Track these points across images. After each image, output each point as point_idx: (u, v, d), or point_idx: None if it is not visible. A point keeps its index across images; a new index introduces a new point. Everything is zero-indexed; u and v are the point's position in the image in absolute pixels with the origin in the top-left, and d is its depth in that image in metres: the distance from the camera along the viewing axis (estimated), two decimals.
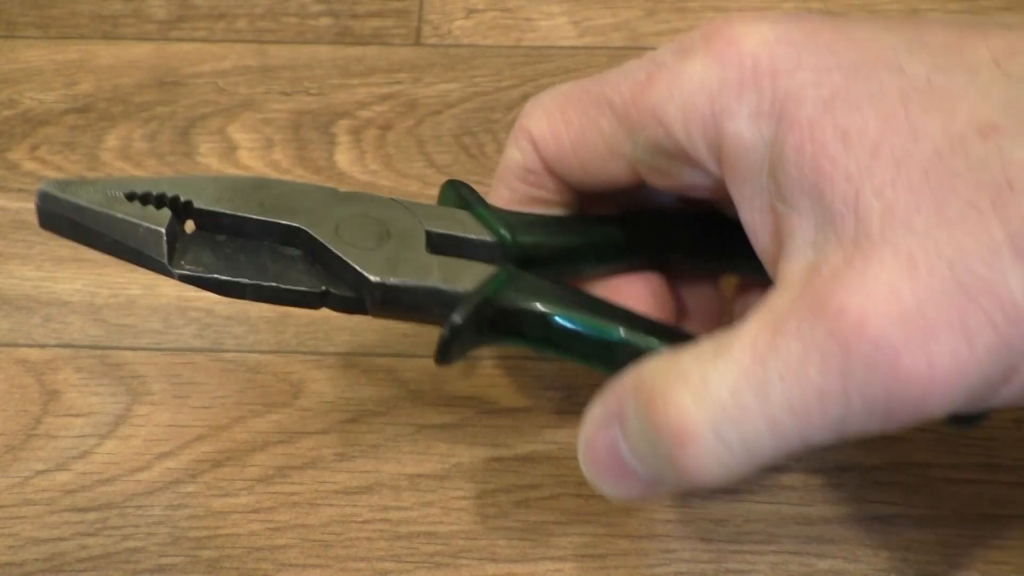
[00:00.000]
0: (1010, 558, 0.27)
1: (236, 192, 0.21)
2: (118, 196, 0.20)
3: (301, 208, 0.21)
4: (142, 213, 0.20)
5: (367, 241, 0.21)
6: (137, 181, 0.20)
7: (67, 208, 0.20)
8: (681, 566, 0.27)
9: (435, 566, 0.27)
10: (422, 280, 0.21)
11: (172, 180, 0.21)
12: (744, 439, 0.16)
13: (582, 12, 0.38)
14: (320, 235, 0.21)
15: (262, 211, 0.21)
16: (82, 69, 0.37)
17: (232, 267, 0.20)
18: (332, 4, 0.38)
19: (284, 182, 0.22)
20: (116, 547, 0.28)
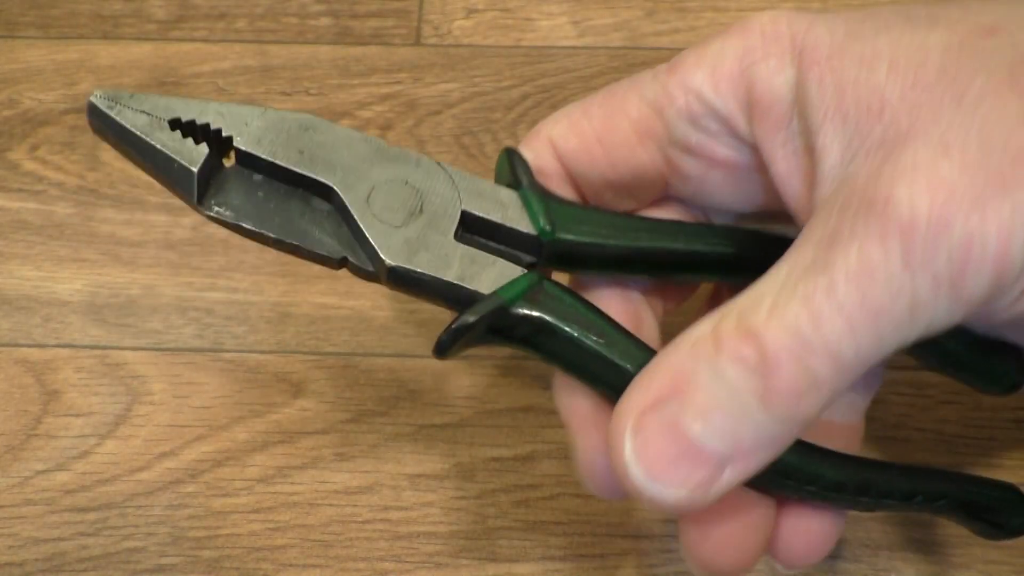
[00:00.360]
0: (1010, 558, 0.27)
1: (280, 133, 0.20)
2: (162, 122, 0.19)
3: (340, 163, 0.20)
4: (180, 147, 0.19)
5: (396, 214, 0.20)
6: (187, 104, 0.20)
7: (111, 125, 0.20)
8: (681, 566, 0.27)
9: (435, 566, 0.27)
10: (439, 272, 0.20)
11: (221, 108, 0.20)
12: (827, 347, 0.16)
13: (582, 12, 0.38)
14: (350, 201, 0.20)
15: (300, 162, 0.20)
16: (82, 69, 0.37)
17: (260, 217, 0.20)
18: (332, 4, 0.38)
19: (332, 127, 0.21)
20: (116, 547, 0.28)
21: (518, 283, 0.20)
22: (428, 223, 0.20)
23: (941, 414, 0.29)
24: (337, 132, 0.21)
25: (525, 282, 0.20)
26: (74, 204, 0.34)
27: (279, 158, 0.20)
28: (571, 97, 0.35)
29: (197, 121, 0.20)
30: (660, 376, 0.17)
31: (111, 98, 0.20)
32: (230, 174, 0.20)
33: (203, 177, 0.20)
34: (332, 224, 0.20)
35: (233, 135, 0.20)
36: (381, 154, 0.21)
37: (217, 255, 0.32)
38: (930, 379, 0.29)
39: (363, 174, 0.20)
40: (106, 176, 0.34)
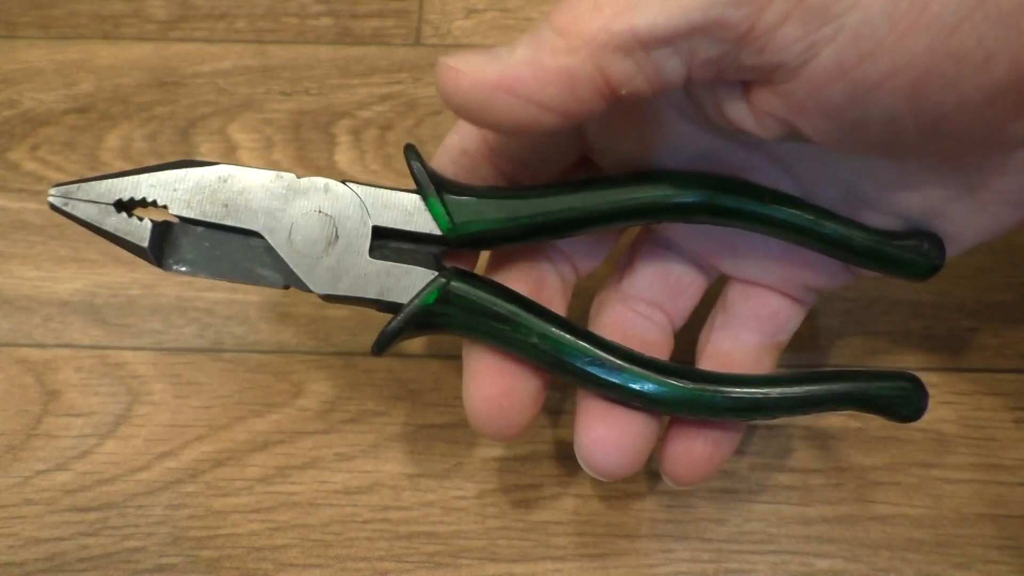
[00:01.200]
0: (1010, 558, 0.27)
1: (203, 191, 0.23)
2: (108, 208, 0.23)
3: (259, 208, 0.23)
4: (129, 228, 0.23)
5: (316, 246, 0.23)
6: (124, 183, 0.23)
7: (71, 217, 0.23)
8: (681, 566, 0.27)
9: (435, 566, 0.27)
10: (361, 292, 0.23)
11: (151, 179, 0.23)
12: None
13: None
14: (275, 243, 0.23)
15: (227, 215, 0.23)
16: (82, 69, 0.37)
17: (210, 264, 0.23)
18: (332, 4, 0.38)
19: (246, 173, 0.23)
20: (116, 547, 0.28)
21: (430, 290, 0.23)
22: (345, 247, 0.23)
23: (941, 414, 0.29)
24: (251, 176, 0.23)
25: (437, 288, 0.23)
26: None
27: (208, 216, 0.23)
28: None
29: (135, 199, 0.23)
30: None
31: (64, 195, 0.23)
32: (177, 230, 0.23)
33: (154, 245, 0.23)
34: (270, 256, 0.23)
35: (167, 204, 0.23)
36: (293, 190, 0.23)
37: None
38: (930, 379, 0.29)
39: (281, 213, 0.23)
40: None
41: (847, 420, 0.29)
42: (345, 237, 0.23)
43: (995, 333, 0.30)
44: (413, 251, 0.24)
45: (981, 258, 0.31)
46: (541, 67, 0.19)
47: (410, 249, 0.24)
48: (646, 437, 0.24)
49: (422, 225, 0.23)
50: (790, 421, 0.29)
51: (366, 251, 0.23)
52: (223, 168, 0.23)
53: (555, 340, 0.23)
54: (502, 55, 0.20)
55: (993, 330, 0.30)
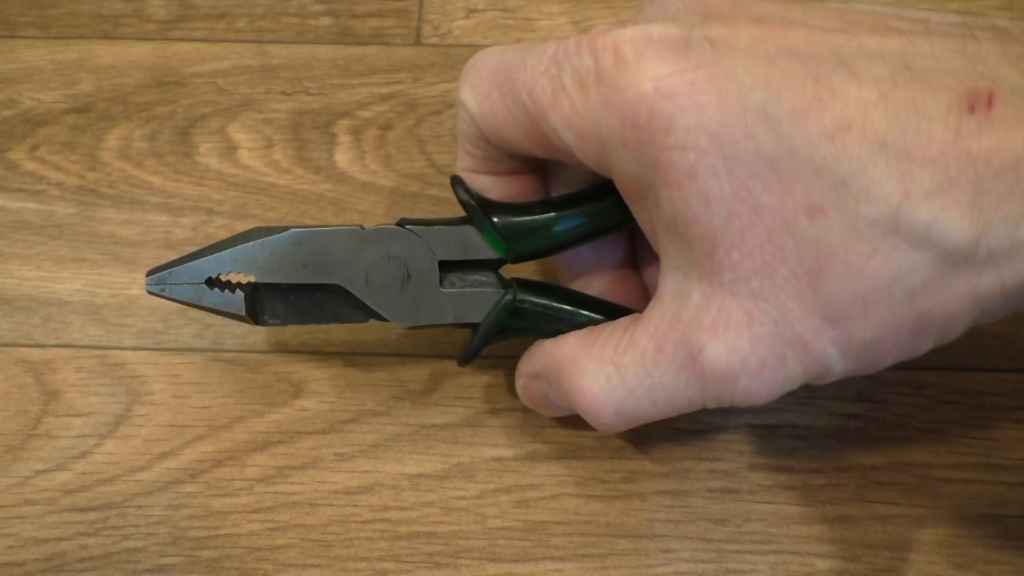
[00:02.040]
0: (1010, 558, 0.27)
1: (282, 256, 0.25)
2: (202, 287, 0.26)
3: (336, 263, 0.26)
4: (226, 301, 0.26)
5: (392, 286, 0.26)
6: (208, 263, 0.26)
7: (169, 299, 0.26)
8: (681, 566, 0.27)
9: (435, 566, 0.27)
10: (440, 320, 0.26)
11: (233, 254, 0.26)
12: (635, 414, 0.24)
13: (582, 12, 0.38)
14: (356, 292, 0.26)
15: (308, 275, 0.26)
16: (82, 69, 0.37)
17: (299, 313, 0.27)
18: (332, 4, 0.38)
19: (317, 233, 0.26)
20: (116, 547, 0.28)
21: (501, 305, 0.26)
22: (417, 283, 0.26)
23: (941, 414, 0.29)
24: (321, 236, 0.26)
25: (507, 303, 0.26)
26: (74, 204, 0.34)
27: (291, 279, 0.26)
28: None
29: (223, 276, 0.26)
30: (539, 365, 0.26)
31: (158, 282, 0.26)
32: (262, 289, 0.26)
33: (250, 310, 0.26)
34: (347, 300, 0.26)
35: (252, 275, 0.26)
36: (362, 239, 0.26)
37: None
38: (930, 379, 0.29)
39: (356, 264, 0.26)
40: (106, 176, 0.34)
41: (847, 420, 0.29)
42: (416, 275, 0.26)
43: (995, 333, 0.30)
44: (477, 275, 0.26)
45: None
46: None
47: (474, 274, 0.26)
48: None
49: (482, 253, 0.26)
50: (791, 421, 0.29)
51: (437, 284, 0.26)
52: (295, 232, 0.26)
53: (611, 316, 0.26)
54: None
55: (993, 330, 0.30)
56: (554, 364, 0.25)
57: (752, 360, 0.21)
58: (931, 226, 0.19)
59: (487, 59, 0.25)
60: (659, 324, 0.23)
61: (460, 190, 0.26)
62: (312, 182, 0.34)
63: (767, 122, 0.20)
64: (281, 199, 0.34)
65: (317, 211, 0.33)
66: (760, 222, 0.20)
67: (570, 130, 0.22)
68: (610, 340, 0.24)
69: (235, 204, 0.33)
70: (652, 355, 0.23)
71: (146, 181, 0.34)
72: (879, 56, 0.20)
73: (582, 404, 0.24)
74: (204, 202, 0.34)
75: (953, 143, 0.19)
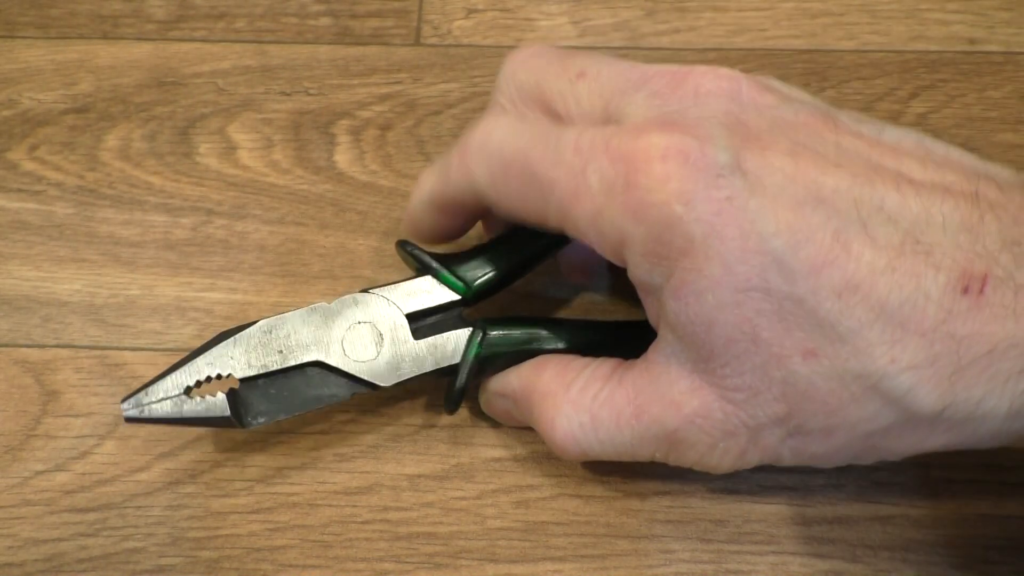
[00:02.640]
0: (1010, 558, 0.27)
1: (256, 347, 0.26)
2: (181, 398, 0.26)
3: (309, 340, 0.26)
4: (207, 406, 0.26)
5: (368, 350, 0.27)
6: (184, 372, 0.26)
7: (151, 421, 0.26)
8: (681, 566, 0.27)
9: (435, 566, 0.27)
10: (422, 369, 0.27)
11: (207, 358, 0.26)
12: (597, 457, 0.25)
13: (582, 12, 0.38)
14: (335, 363, 0.26)
15: (285, 359, 0.26)
16: (82, 69, 0.37)
17: (284, 406, 0.26)
18: (332, 4, 0.38)
19: (283, 319, 0.26)
20: (116, 548, 0.28)
21: (473, 344, 0.27)
22: (392, 342, 0.27)
23: None
24: (290, 320, 0.27)
25: (478, 337, 0.27)
26: (73, 204, 0.34)
27: (270, 366, 0.26)
28: None
29: (200, 380, 0.26)
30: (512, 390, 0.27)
31: (136, 404, 0.26)
32: (242, 390, 0.26)
33: (234, 411, 0.26)
34: (326, 378, 0.27)
35: (231, 373, 0.26)
36: (328, 314, 0.27)
37: (217, 255, 0.32)
38: None
39: (328, 337, 0.26)
40: (105, 176, 0.34)
41: None
42: (388, 333, 0.27)
43: None
44: (444, 320, 0.28)
45: None
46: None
47: (441, 319, 0.28)
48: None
49: (443, 297, 0.27)
50: None
51: (410, 337, 0.27)
52: (263, 322, 0.26)
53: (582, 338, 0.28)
54: None
55: None
56: (528, 392, 0.26)
57: (719, 447, 0.24)
58: (907, 393, 0.21)
59: (502, 145, 0.25)
60: (641, 393, 0.24)
61: (409, 248, 0.28)
62: (312, 182, 0.34)
63: (782, 271, 0.21)
64: (281, 199, 0.33)
65: (317, 211, 0.33)
66: (757, 353, 0.22)
67: (592, 227, 0.23)
68: (589, 387, 0.25)
69: (235, 204, 0.33)
70: (628, 418, 0.24)
71: (146, 181, 0.34)
72: (894, 222, 0.21)
73: (552, 437, 0.25)
74: (204, 202, 0.34)
75: (943, 323, 0.21)
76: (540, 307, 0.31)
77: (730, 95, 0.24)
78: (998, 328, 0.20)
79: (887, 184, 0.22)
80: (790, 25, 0.37)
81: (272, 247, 0.33)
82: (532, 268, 0.29)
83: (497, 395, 0.28)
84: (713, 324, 0.22)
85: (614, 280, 0.32)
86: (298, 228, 0.33)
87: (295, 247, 0.33)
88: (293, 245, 0.33)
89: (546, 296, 0.32)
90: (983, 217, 0.22)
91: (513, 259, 0.28)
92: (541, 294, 0.32)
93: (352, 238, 0.33)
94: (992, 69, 0.36)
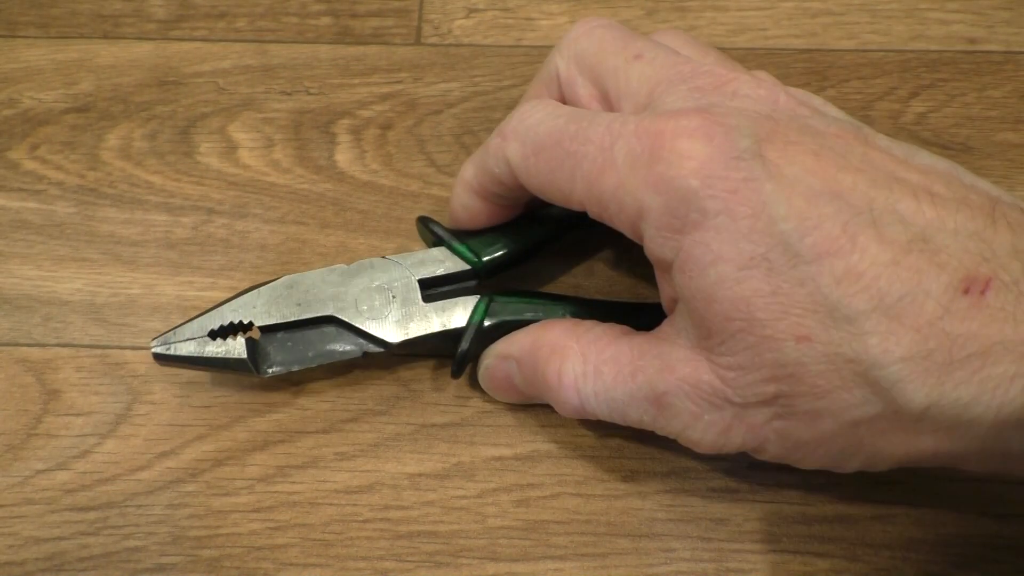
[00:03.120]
0: (1010, 558, 0.27)
1: (277, 300, 0.28)
2: (204, 339, 0.27)
3: (326, 296, 0.28)
4: (227, 348, 0.27)
5: (380, 309, 0.28)
6: (210, 317, 0.28)
7: (177, 360, 0.27)
8: (681, 566, 0.27)
9: (435, 565, 0.27)
10: (428, 330, 0.28)
11: (232, 305, 0.28)
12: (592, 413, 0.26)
13: (582, 12, 0.38)
14: (348, 318, 0.28)
15: (302, 311, 0.28)
16: (82, 68, 0.37)
17: (299, 357, 0.28)
18: (332, 3, 0.38)
19: (305, 276, 0.28)
20: (116, 546, 0.28)
21: (478, 309, 0.28)
22: (402, 303, 0.28)
23: None
24: (310, 277, 0.28)
25: (484, 303, 0.28)
26: (74, 203, 0.34)
27: (288, 317, 0.28)
28: None
29: (224, 325, 0.28)
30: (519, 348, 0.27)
31: (164, 342, 0.27)
32: (264, 341, 0.28)
33: (251, 357, 0.28)
34: (344, 334, 0.28)
35: (252, 320, 0.28)
36: (346, 274, 0.28)
37: (217, 255, 0.32)
38: None
39: (345, 295, 0.28)
40: (106, 175, 0.34)
41: None
42: (400, 295, 0.28)
43: None
44: (454, 289, 0.29)
45: None
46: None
47: (452, 288, 0.29)
48: None
49: (455, 267, 0.29)
50: None
51: (420, 300, 0.28)
52: (286, 278, 0.28)
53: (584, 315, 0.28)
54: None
55: None
56: (536, 348, 0.27)
57: (704, 419, 0.24)
58: (895, 384, 0.21)
59: (539, 125, 0.26)
60: (643, 355, 0.25)
61: (426, 221, 0.29)
62: (312, 182, 0.34)
63: (787, 253, 0.22)
64: (281, 199, 0.34)
65: (317, 210, 0.33)
66: (752, 333, 0.22)
67: (613, 200, 0.24)
68: (596, 344, 0.26)
69: (235, 203, 0.33)
70: (626, 376, 0.25)
71: (146, 180, 0.34)
72: (905, 223, 0.22)
73: (557, 385, 0.26)
74: (204, 201, 0.34)
75: (939, 319, 0.21)
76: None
77: (766, 100, 0.25)
78: (995, 331, 0.21)
79: (905, 191, 0.22)
80: (790, 25, 0.37)
81: (273, 246, 0.33)
82: (542, 251, 0.30)
83: (500, 358, 0.28)
84: (712, 300, 0.22)
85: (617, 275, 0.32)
86: (299, 227, 0.33)
87: (296, 246, 0.33)
88: (294, 244, 0.33)
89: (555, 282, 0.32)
90: (997, 228, 0.22)
91: (524, 240, 0.29)
92: (550, 280, 0.32)
93: (353, 237, 0.33)
94: (992, 68, 0.36)
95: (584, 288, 0.32)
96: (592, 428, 0.29)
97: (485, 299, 0.28)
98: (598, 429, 0.29)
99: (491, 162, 0.27)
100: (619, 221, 0.24)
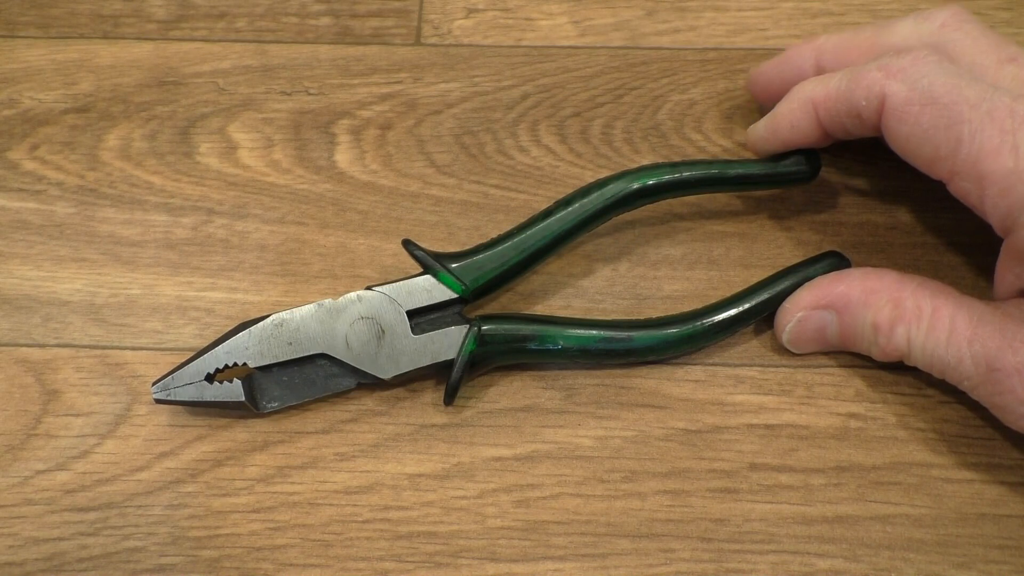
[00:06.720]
0: (1010, 558, 0.27)
1: (268, 339, 0.28)
2: (203, 384, 0.28)
3: (316, 333, 0.28)
4: (226, 392, 0.28)
5: (370, 345, 0.28)
6: (205, 361, 0.28)
7: (176, 403, 0.28)
8: (681, 566, 0.27)
9: (435, 566, 0.27)
10: (420, 363, 0.28)
11: (226, 347, 0.28)
12: (916, 358, 0.27)
13: (582, 12, 0.38)
14: (338, 356, 0.28)
15: (293, 351, 0.28)
16: (82, 69, 0.37)
17: (296, 392, 0.29)
18: (332, 4, 0.38)
19: (293, 314, 0.28)
20: (116, 547, 0.28)
21: (469, 338, 0.28)
22: (392, 336, 0.28)
23: (941, 414, 0.29)
24: (298, 315, 0.28)
25: (475, 333, 0.28)
26: (74, 204, 0.34)
27: (280, 357, 0.28)
28: (571, 97, 0.35)
29: (219, 368, 0.28)
30: (842, 299, 0.28)
31: (163, 388, 0.28)
32: (259, 377, 0.29)
33: (249, 396, 0.28)
34: (339, 368, 0.29)
35: (246, 362, 0.28)
36: (334, 311, 0.28)
37: (217, 255, 0.32)
38: (930, 379, 0.29)
39: (333, 331, 0.28)
40: (106, 176, 0.34)
41: (847, 420, 0.29)
42: (389, 329, 0.28)
43: None
44: (443, 317, 0.29)
45: (982, 259, 0.31)
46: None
47: (440, 316, 0.29)
48: None
49: (442, 295, 0.29)
50: (791, 420, 0.29)
51: (409, 332, 0.28)
52: (274, 317, 0.28)
53: (575, 336, 0.29)
54: None
55: None
56: (866, 294, 0.27)
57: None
58: None
59: (934, 76, 0.25)
60: (984, 323, 0.25)
61: (412, 248, 0.29)
62: (312, 182, 0.34)
63: None
64: (281, 199, 0.34)
65: (317, 210, 0.33)
66: None
67: (1000, 184, 0.24)
68: (933, 301, 0.26)
69: (235, 204, 0.33)
70: (960, 340, 0.25)
71: (146, 181, 0.34)
72: None
73: (885, 332, 0.27)
74: (204, 202, 0.34)
75: None
76: (540, 307, 0.31)
77: None
78: None
79: None
80: (790, 25, 0.37)
81: (272, 246, 0.33)
82: (532, 268, 0.30)
83: (815, 308, 0.28)
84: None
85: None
86: (298, 227, 0.33)
87: (295, 246, 0.33)
88: (293, 244, 0.33)
89: (546, 296, 0.32)
90: None
91: (512, 258, 0.29)
92: (541, 294, 0.32)
93: (352, 237, 0.33)
94: None
95: (584, 288, 0.32)
96: (592, 428, 0.29)
97: (474, 329, 0.28)
98: (598, 429, 0.29)
99: (859, 93, 0.26)
100: (991, 204, 0.24)
